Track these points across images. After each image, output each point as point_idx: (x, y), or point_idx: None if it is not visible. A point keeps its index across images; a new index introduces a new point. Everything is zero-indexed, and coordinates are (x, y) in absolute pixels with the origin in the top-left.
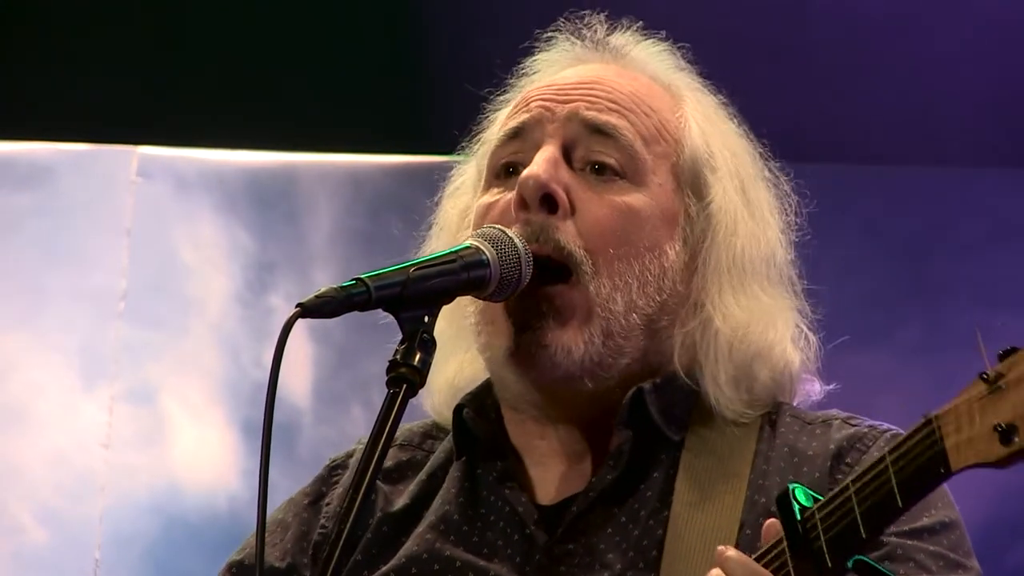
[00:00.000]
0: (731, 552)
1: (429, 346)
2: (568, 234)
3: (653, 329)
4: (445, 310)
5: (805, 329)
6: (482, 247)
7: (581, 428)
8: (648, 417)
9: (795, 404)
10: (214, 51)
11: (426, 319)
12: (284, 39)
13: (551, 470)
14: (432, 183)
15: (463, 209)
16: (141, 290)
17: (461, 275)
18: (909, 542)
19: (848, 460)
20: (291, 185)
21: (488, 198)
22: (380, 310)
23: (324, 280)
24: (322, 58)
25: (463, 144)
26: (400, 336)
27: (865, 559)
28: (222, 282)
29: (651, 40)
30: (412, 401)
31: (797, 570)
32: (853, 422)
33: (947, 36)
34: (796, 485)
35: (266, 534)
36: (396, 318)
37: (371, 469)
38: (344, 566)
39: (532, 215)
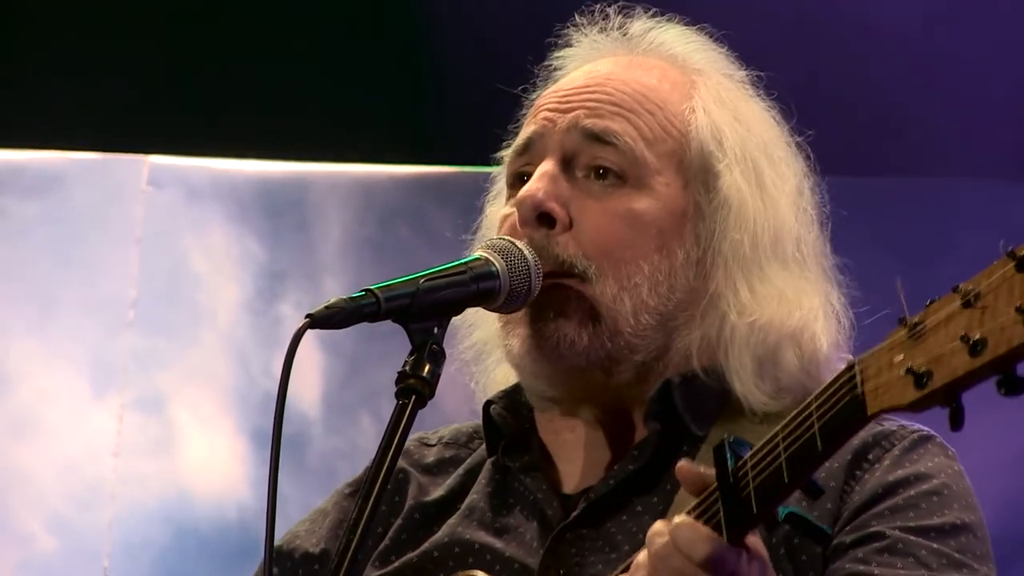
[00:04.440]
0: (657, 524)
1: (438, 357)
2: (568, 247)
3: (671, 327)
4: (485, 318)
5: (838, 306)
6: (492, 259)
7: (606, 421)
8: (675, 411)
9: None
10: (225, 60)
11: (435, 330)
12: (295, 49)
13: (576, 463)
14: (442, 194)
15: (505, 215)
16: (151, 299)
17: (471, 286)
18: (913, 538)
19: (870, 456)
20: (302, 194)
21: (506, 209)
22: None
23: (334, 289)
24: (333, 68)
25: (506, 143)
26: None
27: (797, 511)
28: (232, 291)
29: (671, 22)
30: (421, 412)
31: (728, 519)
32: (884, 421)
33: (957, 49)
34: (735, 437)
35: (308, 522)
36: (406, 329)
37: (380, 480)
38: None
39: (533, 232)
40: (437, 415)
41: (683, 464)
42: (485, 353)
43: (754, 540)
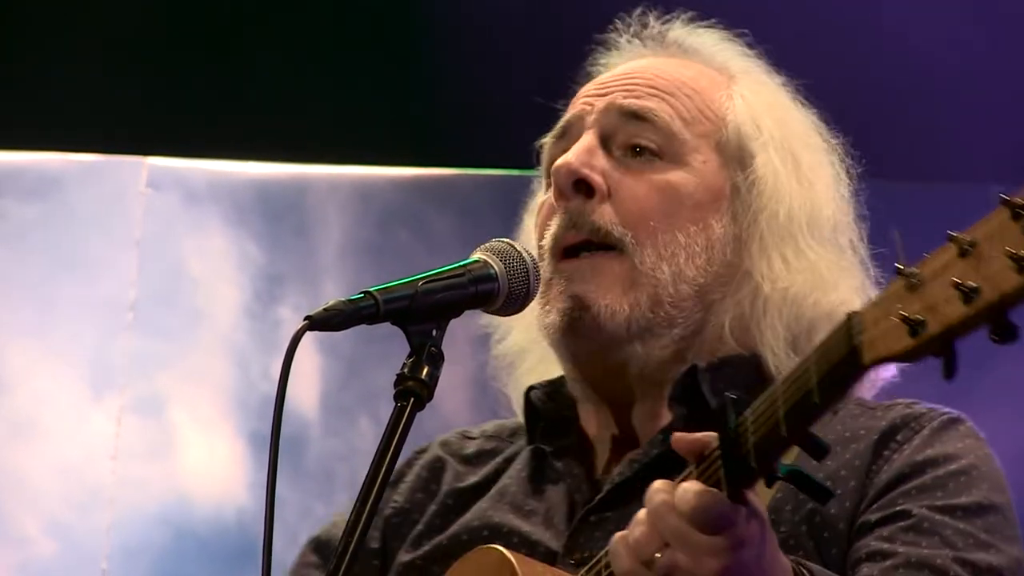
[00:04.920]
0: (656, 482)
1: (437, 360)
2: (605, 215)
3: (707, 301)
4: (521, 316)
5: (865, 296)
6: (490, 261)
7: (640, 407)
8: (701, 394)
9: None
10: (224, 62)
11: (434, 332)
12: (294, 51)
13: (610, 448)
14: (441, 196)
15: (541, 202)
16: (150, 301)
17: (469, 289)
18: (939, 517)
19: (899, 438)
20: (300, 197)
21: (543, 197)
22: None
23: (333, 292)
24: (332, 70)
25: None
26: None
27: (797, 468)
28: (231, 294)
29: (709, 28)
30: (420, 414)
31: (727, 476)
32: (915, 405)
33: (957, 51)
34: (737, 395)
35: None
36: (404, 331)
37: (378, 483)
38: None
39: (569, 202)
40: (436, 418)
41: (676, 434)
42: (519, 360)
43: (753, 498)
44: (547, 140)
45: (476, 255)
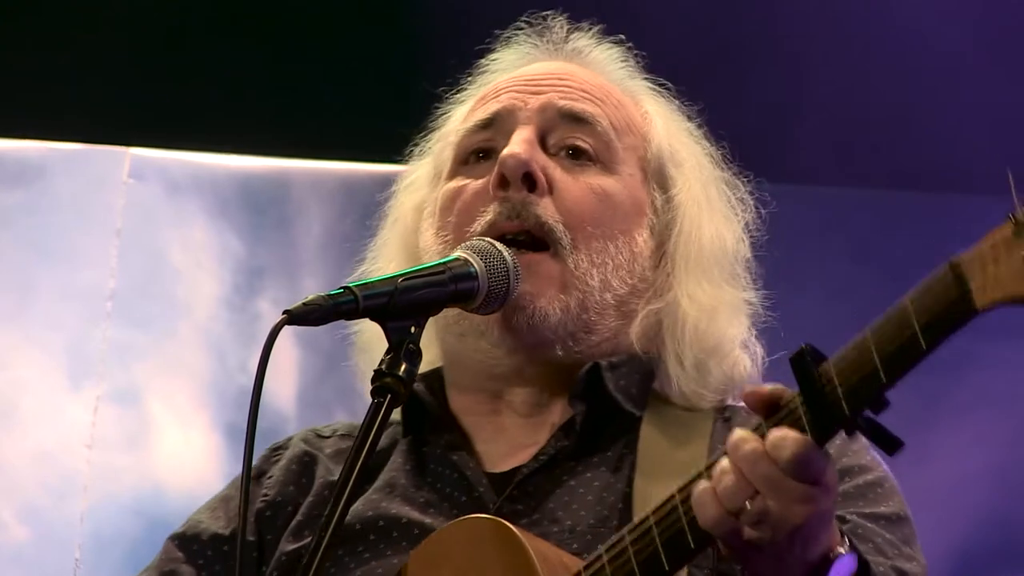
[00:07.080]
0: (738, 431)
1: (415, 357)
2: (548, 210)
3: (624, 311)
4: None
5: (752, 337)
6: (471, 259)
7: (540, 402)
8: (605, 393)
9: None
10: (209, 54)
11: (413, 330)
12: (279, 45)
13: (500, 444)
14: None
15: (418, 203)
16: (129, 291)
17: (449, 287)
18: (869, 524)
19: None
20: (283, 191)
21: (454, 183)
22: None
23: (313, 287)
24: (317, 65)
25: (415, 143)
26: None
27: (873, 417)
28: (211, 286)
29: (608, 45)
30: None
31: (815, 425)
32: None
33: (945, 63)
34: (811, 346)
35: (208, 509)
36: (383, 328)
37: (352, 478)
38: (323, 571)
39: (512, 193)
40: None
41: (748, 388)
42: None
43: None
44: (462, 128)
45: (457, 253)
